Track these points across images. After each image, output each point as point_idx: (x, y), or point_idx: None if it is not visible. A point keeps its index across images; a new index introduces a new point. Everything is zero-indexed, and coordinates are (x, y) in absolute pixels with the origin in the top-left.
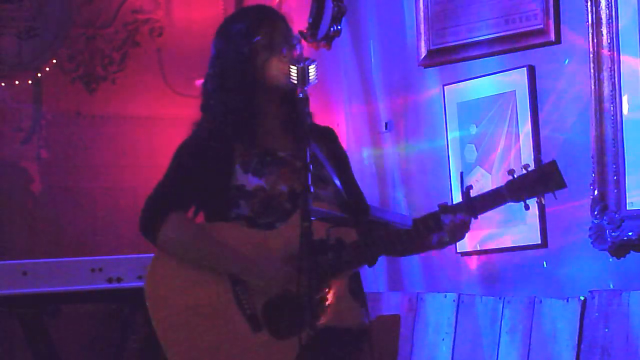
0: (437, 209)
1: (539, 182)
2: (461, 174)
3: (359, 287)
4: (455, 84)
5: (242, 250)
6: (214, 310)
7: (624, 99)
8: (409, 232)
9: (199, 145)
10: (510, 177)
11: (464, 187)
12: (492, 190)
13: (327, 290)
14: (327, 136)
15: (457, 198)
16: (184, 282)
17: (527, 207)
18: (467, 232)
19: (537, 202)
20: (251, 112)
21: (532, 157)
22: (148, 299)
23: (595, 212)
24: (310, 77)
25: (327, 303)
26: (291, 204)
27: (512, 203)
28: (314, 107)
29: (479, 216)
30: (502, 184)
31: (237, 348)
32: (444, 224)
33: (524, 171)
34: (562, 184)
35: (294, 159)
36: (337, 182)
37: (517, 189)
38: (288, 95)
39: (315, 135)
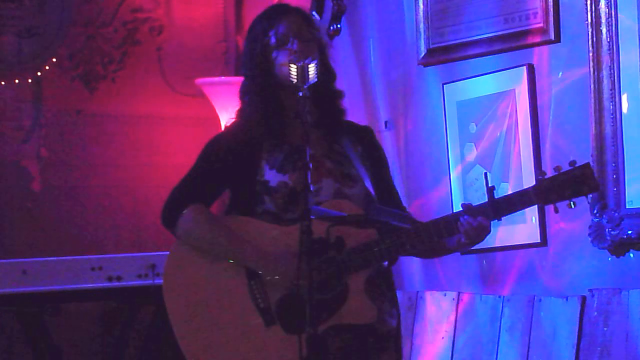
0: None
1: (569, 184)
2: (485, 174)
3: (387, 286)
4: (455, 83)
5: (258, 243)
6: (228, 303)
7: (624, 97)
8: (429, 232)
9: (227, 141)
10: (540, 178)
11: (488, 187)
12: (518, 191)
13: (342, 288)
14: (364, 135)
15: (457, 196)
16: (201, 274)
17: (556, 210)
18: (487, 234)
19: (567, 205)
20: (276, 111)
21: (532, 155)
22: (164, 289)
23: (595, 211)
24: (309, 76)
25: (340, 301)
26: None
27: (540, 205)
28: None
29: (502, 218)
30: (532, 184)
31: (249, 341)
32: (462, 225)
33: (555, 173)
34: (595, 188)
35: (322, 157)
36: (367, 181)
37: (545, 191)
38: (319, 93)
39: (350, 133)
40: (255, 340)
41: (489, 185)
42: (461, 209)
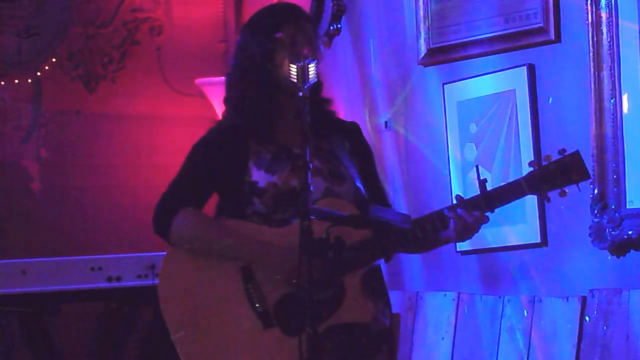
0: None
1: (560, 173)
2: (477, 167)
3: (380, 285)
4: (455, 83)
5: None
6: (224, 308)
7: (624, 97)
8: (425, 229)
9: (213, 142)
10: (531, 169)
11: (480, 180)
12: (510, 182)
13: (338, 288)
14: (351, 131)
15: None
16: (196, 279)
17: (548, 200)
18: (476, 232)
19: (559, 194)
20: (268, 108)
21: (532, 155)
22: (160, 297)
23: (595, 211)
24: (310, 76)
25: (338, 301)
26: None
27: (533, 195)
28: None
29: (495, 210)
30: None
31: (247, 345)
32: (457, 218)
33: (546, 162)
34: (585, 175)
35: (310, 156)
36: (355, 179)
37: (536, 181)
38: (310, 94)
39: (337, 130)
40: (253, 344)
41: (481, 178)
42: (455, 201)
